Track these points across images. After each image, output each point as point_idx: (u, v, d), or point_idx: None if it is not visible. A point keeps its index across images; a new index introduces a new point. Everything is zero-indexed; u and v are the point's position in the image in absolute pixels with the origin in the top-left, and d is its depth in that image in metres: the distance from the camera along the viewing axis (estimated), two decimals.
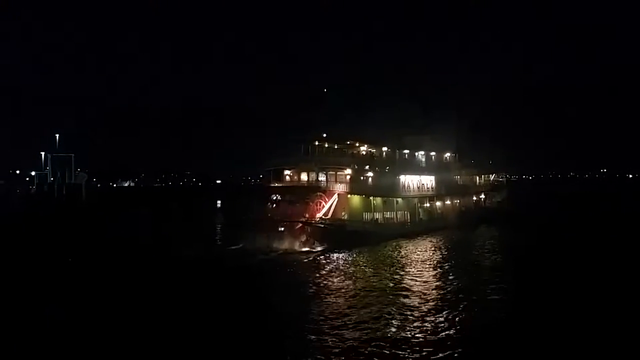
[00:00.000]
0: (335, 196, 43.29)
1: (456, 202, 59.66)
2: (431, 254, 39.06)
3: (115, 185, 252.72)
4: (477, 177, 68.96)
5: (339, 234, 41.17)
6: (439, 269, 32.85)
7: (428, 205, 54.55)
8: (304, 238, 40.05)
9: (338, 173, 45.30)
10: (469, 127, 66.71)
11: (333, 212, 42.89)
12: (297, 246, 39.60)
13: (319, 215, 41.93)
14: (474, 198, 65.07)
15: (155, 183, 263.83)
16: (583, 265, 33.67)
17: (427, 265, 34.04)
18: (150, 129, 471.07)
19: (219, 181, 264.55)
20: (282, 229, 40.58)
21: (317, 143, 47.61)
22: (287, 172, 46.87)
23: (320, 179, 45.57)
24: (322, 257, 37.49)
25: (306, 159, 45.74)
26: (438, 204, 56.25)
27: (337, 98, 49.14)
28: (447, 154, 62.50)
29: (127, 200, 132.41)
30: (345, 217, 43.65)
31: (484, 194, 68.25)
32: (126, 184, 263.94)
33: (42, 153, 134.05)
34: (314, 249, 39.56)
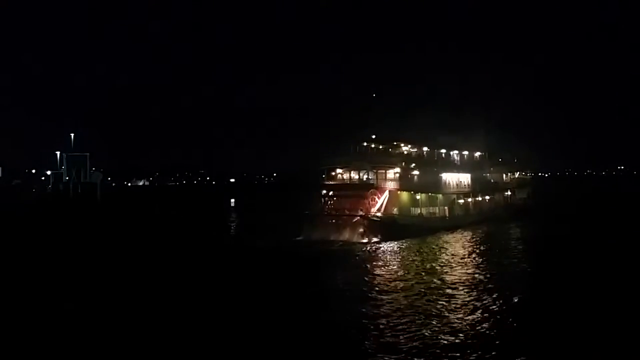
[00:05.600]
0: (387, 192, 47.16)
1: (487, 199, 63.44)
2: (471, 245, 42.65)
3: (130, 184, 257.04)
4: (504, 175, 72.66)
5: (391, 226, 45.12)
6: (480, 261, 35.67)
7: (463, 201, 58.25)
8: (361, 231, 43.89)
9: (387, 171, 49.06)
10: (496, 126, 70.27)
11: (385, 207, 46.74)
12: (355, 238, 43.47)
13: (374, 210, 45.82)
14: (503, 195, 68.85)
15: (169, 182, 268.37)
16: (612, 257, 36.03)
17: (469, 256, 37.29)
18: (168, 127, 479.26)
19: (232, 180, 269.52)
20: (340, 222, 44.53)
21: (365, 144, 51.58)
22: (338, 170, 50.73)
23: (370, 177, 49.37)
24: (377, 247, 41.35)
25: (358, 158, 49.60)
26: (472, 199, 59.99)
27: (383, 102, 52.92)
28: (478, 153, 66.18)
29: (148, 199, 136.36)
30: (395, 211, 47.51)
31: (510, 191, 71.98)
32: (141, 183, 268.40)
33: (58, 152, 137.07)
34: (370, 240, 43.43)
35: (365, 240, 43.22)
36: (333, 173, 50.63)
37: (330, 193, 47.96)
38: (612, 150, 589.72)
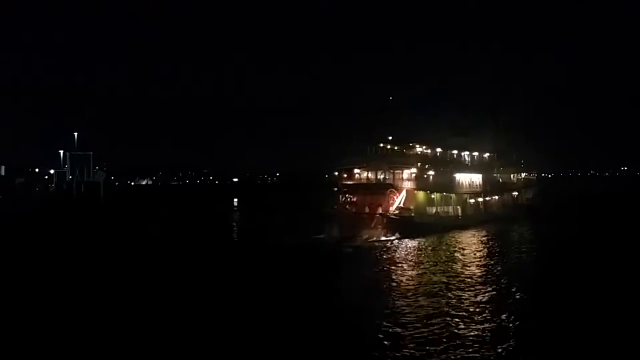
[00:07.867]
0: (404, 192, 49.08)
1: (496, 199, 65.40)
2: (485, 243, 44.40)
3: (133, 183, 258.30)
4: (512, 175, 74.61)
5: (408, 225, 46.99)
6: (494, 258, 37.29)
7: (474, 201, 60.15)
8: (380, 228, 45.77)
9: (404, 171, 50.94)
10: (504, 127, 72.03)
11: (402, 206, 48.64)
12: (374, 235, 45.33)
13: (392, 208, 47.72)
14: (511, 195, 70.81)
15: (172, 181, 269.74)
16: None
17: (484, 253, 39.05)
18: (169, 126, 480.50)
19: (235, 179, 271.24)
20: (361, 220, 46.38)
21: (381, 145, 53.50)
22: (356, 170, 52.60)
23: (386, 177, 51.26)
24: (396, 245, 43.16)
25: (377, 159, 51.52)
26: (482, 199, 61.91)
27: (399, 104, 54.81)
28: (487, 154, 68.07)
29: (152, 198, 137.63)
30: (413, 210, 49.39)
31: (518, 191, 73.92)
32: (144, 182, 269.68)
33: (61, 151, 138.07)
34: (389, 237, 45.31)
35: (384, 238, 45.09)
36: (350, 174, 52.45)
37: (350, 192, 49.77)
38: (616, 151, 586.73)
